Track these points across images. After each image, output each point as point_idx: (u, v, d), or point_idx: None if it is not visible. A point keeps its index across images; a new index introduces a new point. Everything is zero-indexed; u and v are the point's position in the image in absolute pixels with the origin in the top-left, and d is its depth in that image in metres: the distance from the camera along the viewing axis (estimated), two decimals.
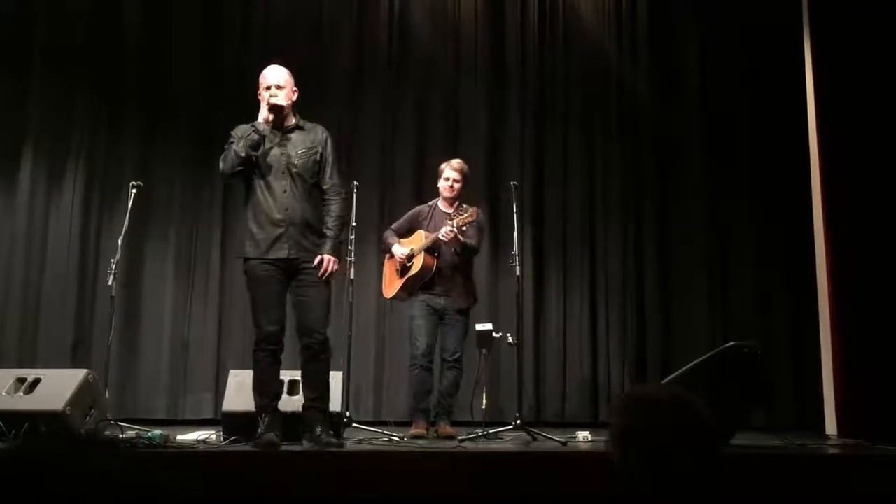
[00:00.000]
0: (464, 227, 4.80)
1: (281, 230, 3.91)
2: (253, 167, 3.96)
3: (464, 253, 4.96)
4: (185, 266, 6.12)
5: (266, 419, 3.85)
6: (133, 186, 4.98)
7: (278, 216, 3.92)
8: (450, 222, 4.79)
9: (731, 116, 6.67)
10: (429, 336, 4.96)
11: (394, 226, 5.23)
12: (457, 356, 4.97)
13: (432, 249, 4.92)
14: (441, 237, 4.78)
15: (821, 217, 5.95)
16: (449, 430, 4.79)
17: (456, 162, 5.15)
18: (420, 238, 5.02)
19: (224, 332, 6.06)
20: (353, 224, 4.91)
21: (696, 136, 6.67)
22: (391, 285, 5.13)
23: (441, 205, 5.16)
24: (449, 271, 4.98)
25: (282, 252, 3.91)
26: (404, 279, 5.00)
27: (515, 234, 4.92)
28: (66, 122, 6.10)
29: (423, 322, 4.96)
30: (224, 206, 6.20)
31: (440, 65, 6.61)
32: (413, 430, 4.81)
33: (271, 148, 3.99)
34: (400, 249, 5.03)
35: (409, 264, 4.99)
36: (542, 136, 6.63)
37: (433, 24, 6.67)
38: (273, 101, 3.97)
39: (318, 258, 3.98)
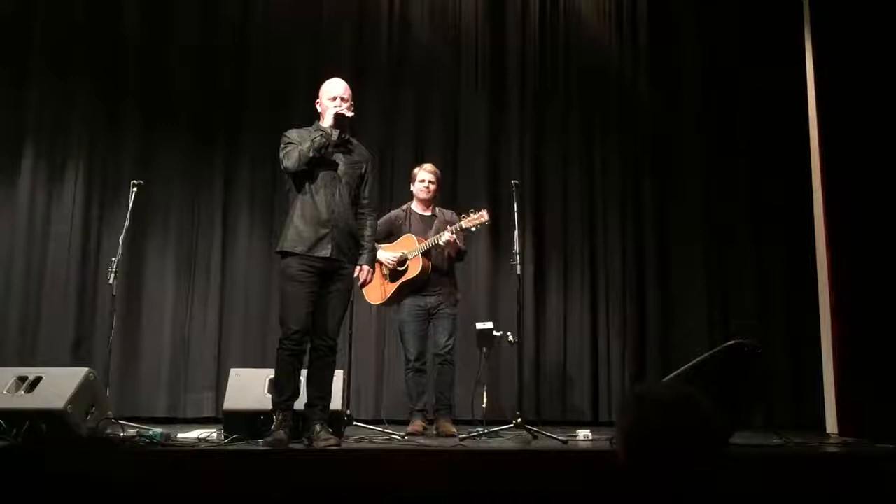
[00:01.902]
0: (473, 229, 4.89)
1: (326, 230, 4.06)
2: (309, 169, 4.10)
3: (457, 257, 5.08)
4: (185, 264, 6.11)
5: (280, 416, 3.91)
6: (134, 185, 4.99)
7: (325, 217, 4.07)
8: (451, 227, 4.87)
9: (731, 116, 6.67)
10: (419, 341, 5.05)
11: None
12: (448, 349, 5.02)
13: (427, 252, 4.97)
14: (443, 242, 4.85)
15: (821, 215, 5.95)
16: (450, 428, 4.81)
17: (428, 165, 5.30)
18: (411, 242, 5.04)
19: (225, 330, 6.05)
20: None
21: (695, 135, 6.67)
22: (380, 291, 5.10)
23: (416, 207, 5.23)
24: (436, 272, 5.05)
25: (325, 251, 4.04)
26: (398, 284, 5.02)
27: (516, 233, 4.91)
28: (67, 120, 6.09)
29: (412, 327, 5.03)
30: (224, 204, 6.20)
31: (440, 64, 6.60)
32: (410, 429, 4.84)
33: (328, 155, 4.15)
34: (388, 255, 5.05)
35: (401, 268, 5.02)
36: (541, 136, 6.62)
37: (433, 23, 6.66)
38: (342, 111, 4.16)
39: (360, 268, 4.22)
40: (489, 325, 4.89)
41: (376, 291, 5.09)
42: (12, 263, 5.84)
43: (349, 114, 4.18)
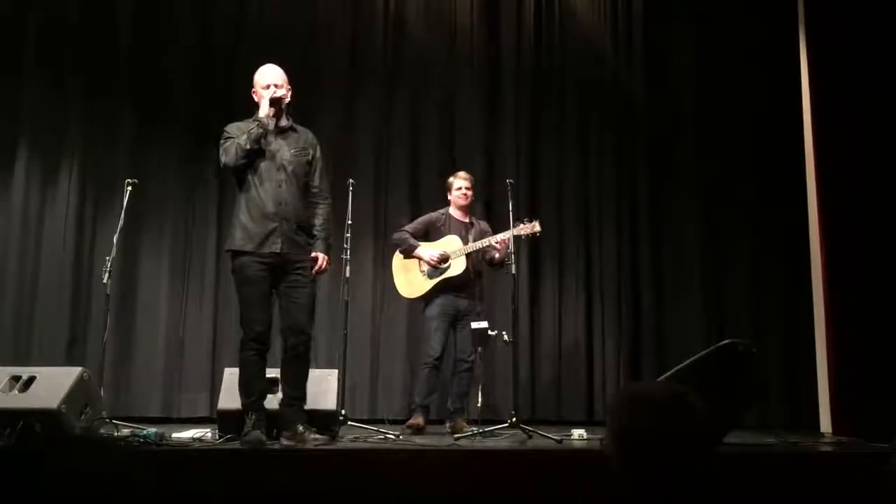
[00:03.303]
0: (523, 237, 5.04)
1: (275, 224, 3.97)
2: (249, 162, 4.01)
3: (500, 263, 5.20)
4: (179, 264, 6.10)
5: (252, 417, 3.89)
6: (128, 184, 4.98)
7: (271, 210, 3.98)
8: (511, 230, 4.98)
9: (727, 115, 6.66)
10: (445, 338, 5.13)
11: (409, 228, 5.34)
12: (473, 357, 5.10)
13: (468, 254, 5.15)
14: (497, 242, 5.01)
15: (815, 215, 5.96)
16: (466, 426, 4.89)
17: (462, 173, 5.44)
18: (454, 242, 5.20)
19: (219, 329, 6.04)
20: (349, 222, 4.91)
21: (691, 134, 6.67)
22: (414, 285, 5.23)
23: (455, 213, 5.37)
24: (473, 275, 5.20)
25: (275, 247, 3.96)
26: (437, 280, 5.14)
27: (511, 232, 4.92)
28: (61, 119, 6.07)
29: (441, 324, 5.12)
30: (219, 203, 6.18)
31: (435, 64, 6.59)
32: (413, 422, 4.91)
33: (268, 144, 4.07)
34: (429, 252, 5.15)
35: (442, 266, 5.12)
36: (537, 135, 6.62)
37: (428, 23, 6.66)
38: (277, 95, 4.08)
39: (313, 256, 4.10)
40: (484, 324, 4.89)
41: (411, 285, 5.24)
42: (6, 263, 5.82)
43: (286, 98, 4.11)
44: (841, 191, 5.73)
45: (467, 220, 5.37)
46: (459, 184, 5.35)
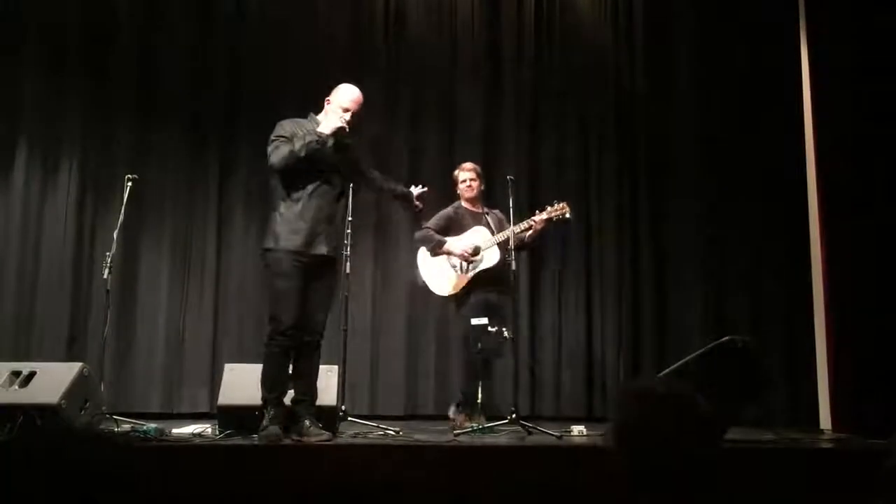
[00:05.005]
0: (553, 219, 5.04)
1: (323, 226, 4.02)
2: (305, 166, 4.04)
3: (532, 244, 5.19)
4: (180, 259, 6.10)
5: (271, 412, 3.90)
6: (128, 179, 4.98)
7: (321, 214, 4.03)
8: (540, 212, 5.04)
9: (727, 113, 6.65)
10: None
11: (432, 225, 5.26)
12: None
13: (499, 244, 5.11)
14: (536, 224, 5.01)
15: (816, 212, 5.96)
16: (468, 422, 4.85)
17: (467, 164, 5.42)
18: (484, 233, 5.15)
19: (219, 325, 6.05)
20: (350, 219, 4.89)
21: (691, 132, 6.66)
22: (449, 281, 5.15)
23: (466, 205, 5.33)
24: (502, 267, 5.10)
25: (322, 248, 4.02)
26: (472, 273, 5.09)
27: (511, 228, 4.92)
28: (61, 119, 6.07)
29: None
30: (219, 199, 6.19)
31: (435, 60, 6.60)
32: (460, 420, 4.88)
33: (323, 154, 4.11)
34: (461, 245, 5.11)
35: (475, 258, 5.10)
36: (537, 131, 6.62)
37: (428, 20, 6.66)
38: (346, 126, 4.11)
39: (406, 191, 4.54)
40: (484, 320, 4.89)
41: (445, 282, 5.15)
42: (6, 260, 5.82)
43: (347, 129, 4.14)
44: (842, 188, 5.72)
45: (480, 211, 5.33)
46: (464, 176, 5.33)
